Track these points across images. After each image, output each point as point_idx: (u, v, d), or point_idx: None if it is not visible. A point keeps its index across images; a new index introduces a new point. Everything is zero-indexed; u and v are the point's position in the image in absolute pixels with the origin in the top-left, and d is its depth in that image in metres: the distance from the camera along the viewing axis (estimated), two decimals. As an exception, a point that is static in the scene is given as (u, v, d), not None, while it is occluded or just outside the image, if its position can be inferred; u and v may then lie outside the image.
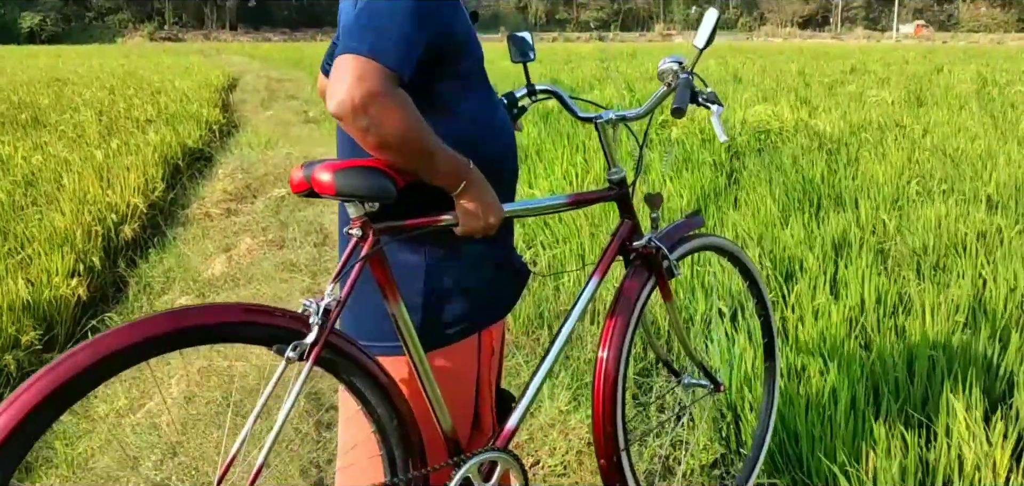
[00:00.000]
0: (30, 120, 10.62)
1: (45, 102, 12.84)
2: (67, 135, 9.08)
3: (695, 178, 6.21)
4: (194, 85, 16.71)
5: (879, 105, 11.18)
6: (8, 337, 3.60)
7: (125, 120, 10.80)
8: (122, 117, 11.05)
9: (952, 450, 2.37)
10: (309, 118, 13.31)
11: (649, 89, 13.95)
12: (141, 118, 10.97)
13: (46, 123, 10.43)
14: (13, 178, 6.38)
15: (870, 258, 4.20)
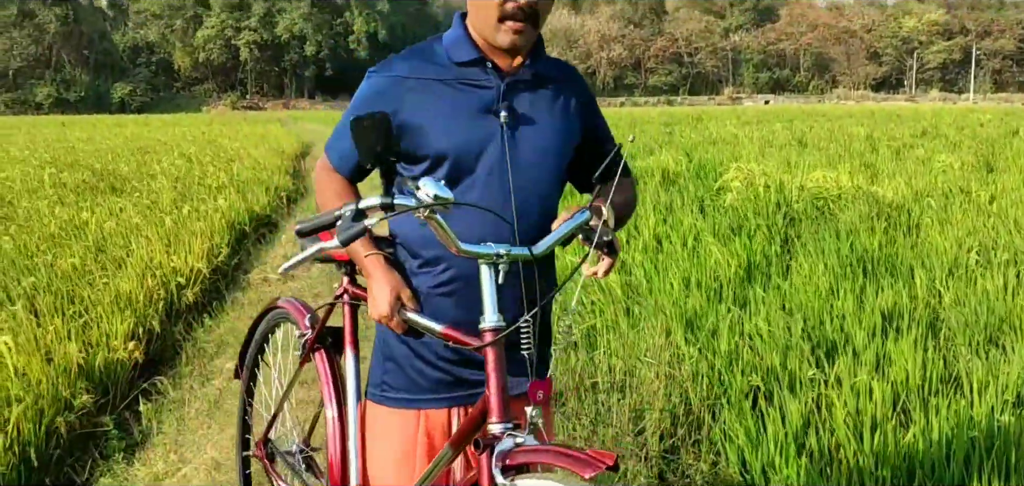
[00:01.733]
0: (110, 187, 11.20)
1: (126, 170, 13.53)
2: (142, 202, 9.53)
3: (746, 245, 6.10)
4: (268, 152, 17.37)
5: (946, 170, 10.84)
6: (62, 400, 3.75)
7: (198, 186, 11.28)
8: (196, 184, 11.54)
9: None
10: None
11: (708, 154, 13.87)
12: (214, 185, 11.44)
13: (124, 190, 10.97)
14: (86, 244, 6.71)
15: (920, 332, 4.04)
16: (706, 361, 3.77)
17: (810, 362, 3.73)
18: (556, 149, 1.67)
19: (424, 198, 1.34)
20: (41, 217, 8.08)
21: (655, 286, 5.14)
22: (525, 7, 1.53)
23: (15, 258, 6.16)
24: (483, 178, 1.61)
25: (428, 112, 1.60)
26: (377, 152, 1.41)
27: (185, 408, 4.08)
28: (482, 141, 1.61)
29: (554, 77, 1.70)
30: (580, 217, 1.55)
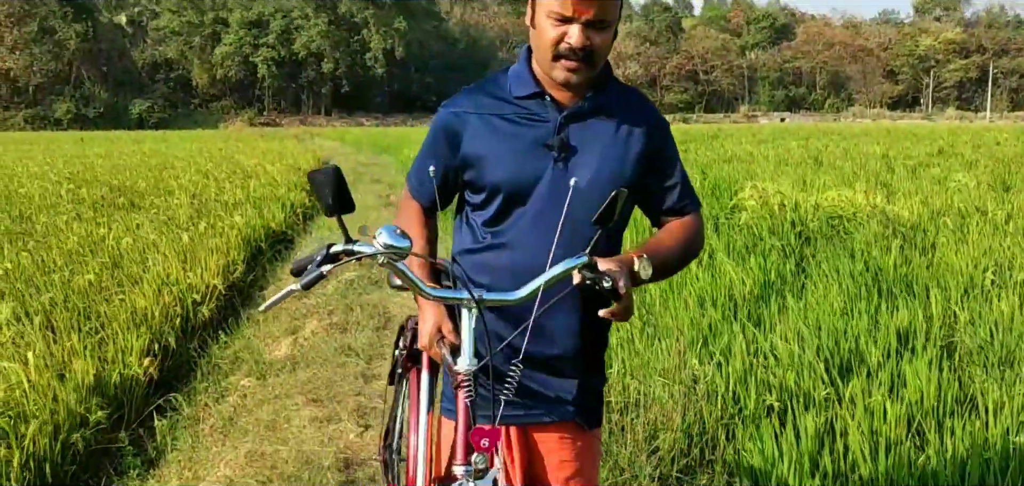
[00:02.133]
0: (127, 203, 11.31)
1: (143, 186, 13.66)
2: (159, 218, 9.62)
3: (760, 264, 6.08)
4: (284, 169, 17.49)
5: (962, 189, 10.76)
6: (77, 416, 3.78)
7: (215, 203, 11.36)
8: (212, 200, 11.64)
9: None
10: (388, 202, 13.72)
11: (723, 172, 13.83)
12: (230, 201, 11.52)
13: (142, 206, 11.08)
14: (102, 260, 6.78)
15: (935, 352, 4.01)
16: (721, 379, 3.76)
17: (824, 381, 3.71)
18: (609, 180, 1.65)
19: (379, 247, 1.37)
20: (59, 233, 8.17)
21: (670, 304, 5.13)
22: (578, 49, 1.57)
23: (33, 274, 6.24)
24: (535, 209, 1.66)
25: (487, 144, 1.68)
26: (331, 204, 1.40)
27: (199, 425, 4.10)
28: (535, 173, 1.66)
29: (616, 108, 1.71)
30: (572, 262, 1.51)
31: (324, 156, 25.49)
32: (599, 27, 1.58)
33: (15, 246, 7.26)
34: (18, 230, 8.41)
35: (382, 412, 4.01)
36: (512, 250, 1.68)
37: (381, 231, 1.38)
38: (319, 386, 4.31)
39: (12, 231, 8.30)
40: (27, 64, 74.97)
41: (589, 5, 1.54)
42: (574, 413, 1.77)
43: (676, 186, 1.76)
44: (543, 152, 1.66)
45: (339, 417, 3.89)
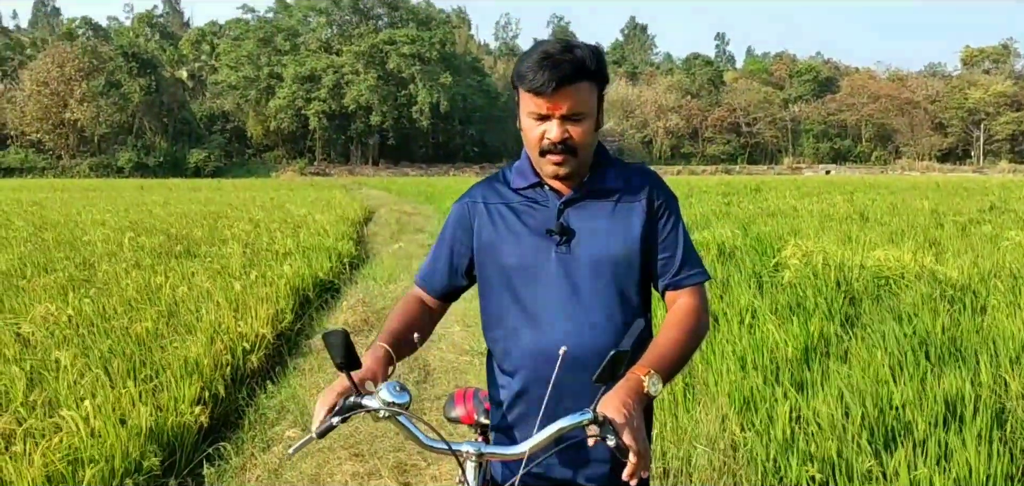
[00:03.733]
0: (184, 251, 11.63)
1: (199, 234, 14.03)
2: (213, 267, 9.86)
3: (803, 326, 5.99)
4: (333, 219, 17.82)
5: (1016, 248, 10.47)
6: (132, 462, 3.88)
7: (266, 252, 11.62)
8: (263, 250, 11.90)
9: None
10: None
11: (766, 228, 13.69)
12: (280, 251, 11.77)
13: (197, 254, 11.38)
14: (159, 308, 6.97)
15: (985, 422, 3.90)
16: (761, 448, 3.70)
17: (868, 452, 3.63)
18: (613, 259, 1.72)
19: (380, 403, 1.49)
20: (119, 280, 8.43)
21: (712, 366, 5.07)
22: (558, 143, 1.65)
23: (94, 321, 6.44)
24: (544, 292, 1.73)
25: (495, 231, 1.78)
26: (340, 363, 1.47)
27: (246, 474, 4.17)
28: (540, 258, 1.73)
29: (617, 188, 1.77)
30: (577, 418, 1.50)
31: (371, 205, 25.89)
32: (575, 120, 1.66)
33: (78, 293, 7.51)
34: (81, 277, 8.71)
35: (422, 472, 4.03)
36: (527, 333, 1.74)
37: (382, 388, 1.49)
38: (361, 440, 4.35)
39: (76, 278, 8.59)
40: (93, 115, 78.10)
41: (561, 101, 1.63)
42: None
43: (676, 258, 1.78)
44: (545, 238, 1.74)
45: (380, 473, 3.92)
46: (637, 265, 1.76)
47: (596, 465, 1.76)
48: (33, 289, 7.86)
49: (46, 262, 9.97)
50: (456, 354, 6.47)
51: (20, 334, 6.07)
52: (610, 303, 1.73)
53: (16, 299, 7.36)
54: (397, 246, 14.82)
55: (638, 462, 1.44)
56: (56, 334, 6.00)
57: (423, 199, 30.53)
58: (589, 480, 1.76)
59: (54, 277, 8.60)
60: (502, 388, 1.82)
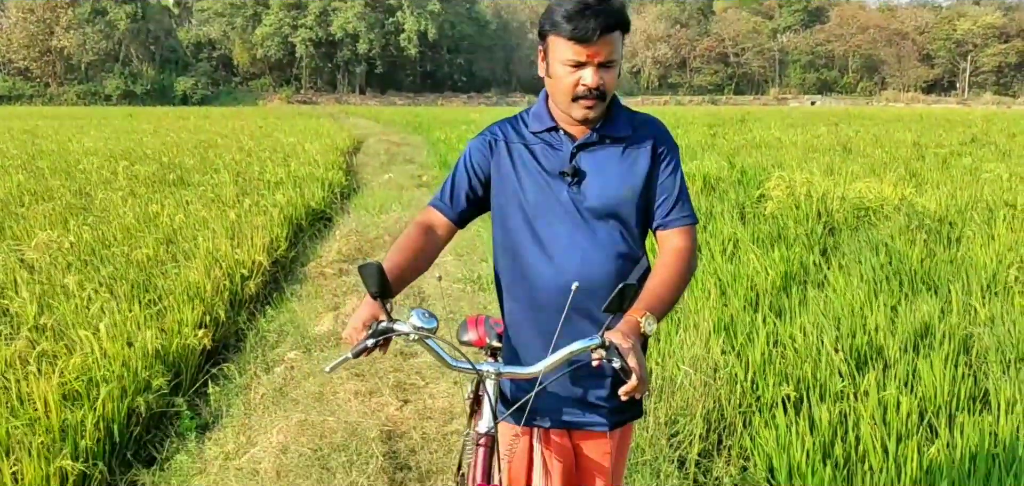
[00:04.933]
0: (177, 180, 11.64)
1: (191, 163, 14.00)
2: (207, 195, 9.90)
3: (783, 254, 6.15)
4: (322, 149, 17.74)
5: (994, 181, 10.64)
6: (141, 381, 4.02)
7: (258, 181, 11.64)
8: (255, 179, 11.91)
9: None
10: (421, 183, 13.90)
11: (751, 159, 13.80)
12: (272, 180, 11.78)
13: (190, 183, 11.40)
14: (157, 237, 7.05)
15: (952, 348, 4.09)
16: (740, 369, 3.88)
17: (841, 374, 3.82)
18: (621, 202, 1.85)
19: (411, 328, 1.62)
20: (116, 209, 8.47)
21: (695, 293, 5.24)
22: (594, 89, 1.76)
23: (95, 248, 6.53)
24: (556, 229, 1.85)
25: (513, 168, 1.90)
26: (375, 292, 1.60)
27: (251, 393, 4.32)
28: (553, 197, 1.86)
29: (625, 135, 1.89)
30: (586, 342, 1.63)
31: (359, 135, 25.75)
32: (608, 67, 1.77)
33: (77, 221, 7.57)
34: (79, 205, 8.75)
35: (420, 391, 4.20)
36: (540, 265, 1.86)
37: (412, 313, 1.63)
38: (362, 361, 4.50)
39: (73, 206, 8.64)
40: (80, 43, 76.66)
41: (599, 49, 1.73)
42: (610, 415, 1.94)
43: (671, 200, 1.91)
44: (559, 178, 1.86)
45: (381, 392, 4.08)
46: (640, 207, 1.88)
47: (601, 386, 1.91)
48: (33, 217, 7.90)
49: (43, 190, 9.98)
50: (449, 281, 6.62)
51: (24, 260, 6.15)
52: (615, 240, 1.85)
53: (17, 226, 7.42)
54: (387, 177, 14.84)
55: (638, 385, 1.58)
56: (59, 261, 6.08)
57: (411, 129, 30.35)
58: (596, 399, 1.91)
59: (52, 205, 8.64)
60: (513, 314, 1.95)
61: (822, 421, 3.27)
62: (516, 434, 1.96)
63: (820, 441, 3.13)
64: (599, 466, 1.97)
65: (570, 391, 1.91)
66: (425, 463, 3.41)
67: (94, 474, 3.26)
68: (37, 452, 3.08)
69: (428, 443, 3.59)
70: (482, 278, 6.64)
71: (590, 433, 1.95)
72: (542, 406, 1.91)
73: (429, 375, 4.39)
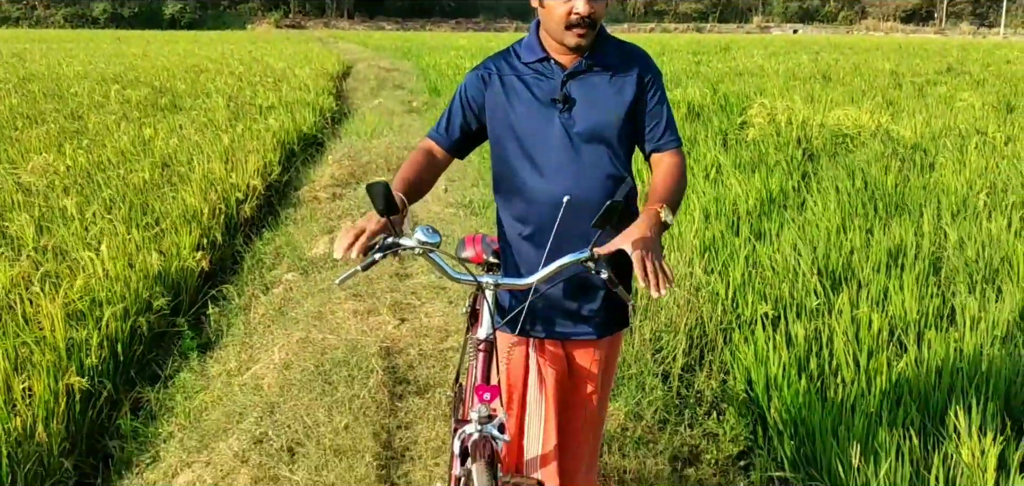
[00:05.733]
0: (169, 104, 11.46)
1: (182, 88, 13.76)
2: (200, 120, 9.77)
3: (764, 180, 6.19)
4: (313, 74, 17.46)
5: (966, 110, 10.67)
6: (143, 302, 4.04)
7: (250, 106, 11.48)
8: (247, 103, 11.75)
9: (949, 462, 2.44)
10: (412, 108, 13.76)
11: (734, 87, 13.72)
12: (264, 105, 11.63)
13: (182, 107, 11.23)
14: (152, 160, 6.98)
15: (922, 269, 4.17)
16: (722, 288, 3.95)
17: (817, 293, 3.89)
18: (609, 127, 1.92)
19: (416, 243, 1.66)
20: (110, 132, 8.36)
21: (679, 216, 5.27)
22: (586, 17, 1.81)
23: (91, 171, 6.46)
24: (548, 152, 1.92)
25: (507, 98, 1.95)
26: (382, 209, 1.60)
27: (250, 313, 4.36)
28: (545, 123, 1.92)
29: (612, 64, 1.95)
30: (577, 256, 1.72)
31: (348, 60, 25.32)
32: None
33: (72, 144, 7.47)
34: (72, 129, 8.61)
35: (416, 310, 4.25)
36: (533, 186, 1.93)
37: (417, 229, 1.68)
38: (358, 283, 4.53)
39: (67, 130, 8.51)
40: (66, -37, 74.31)
41: None
42: (601, 325, 2.02)
43: (660, 126, 1.99)
44: (550, 105, 1.92)
45: (379, 311, 4.12)
46: (626, 131, 1.95)
47: (592, 300, 1.99)
48: (27, 140, 7.78)
49: (36, 114, 9.81)
50: (441, 206, 6.62)
51: (21, 183, 6.08)
52: (603, 162, 1.93)
53: (12, 149, 7.31)
54: (377, 102, 14.66)
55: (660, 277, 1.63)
56: (56, 184, 6.02)
57: (400, 55, 29.84)
58: (587, 311, 1.99)
59: (46, 129, 8.50)
60: (510, 231, 2.02)
61: (798, 337, 3.35)
62: (513, 344, 2.02)
63: (796, 356, 3.21)
64: (589, 373, 2.06)
65: (564, 304, 1.99)
66: (423, 377, 3.47)
67: (100, 391, 3.30)
68: (46, 369, 3.11)
69: (425, 359, 3.65)
70: (473, 203, 6.64)
71: (581, 342, 2.03)
72: (538, 318, 1.99)
73: (425, 295, 4.43)
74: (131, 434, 3.12)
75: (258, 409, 3.12)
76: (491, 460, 1.65)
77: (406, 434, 3.04)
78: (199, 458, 2.83)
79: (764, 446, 2.89)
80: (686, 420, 3.09)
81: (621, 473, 2.75)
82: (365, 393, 3.20)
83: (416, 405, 3.23)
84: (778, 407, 2.94)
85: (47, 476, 2.75)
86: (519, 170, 1.95)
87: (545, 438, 2.03)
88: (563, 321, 2.00)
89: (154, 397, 3.42)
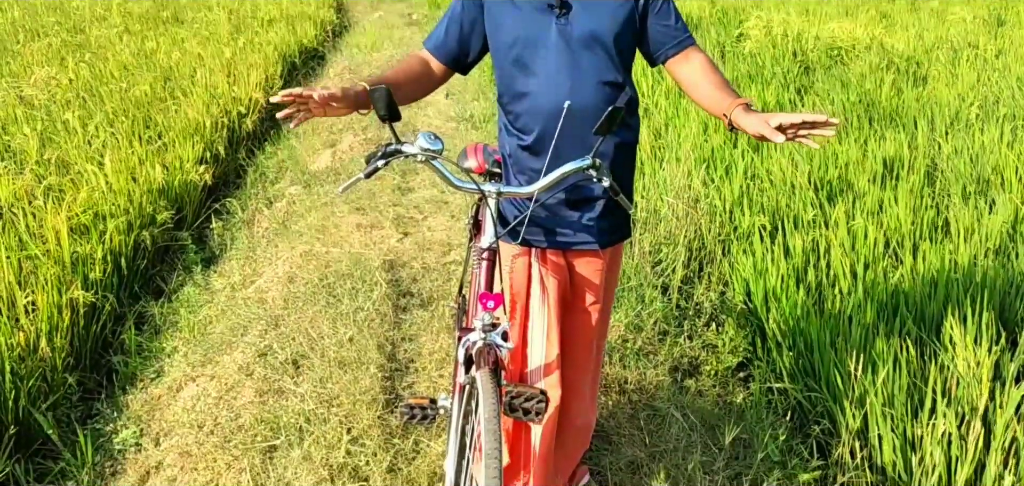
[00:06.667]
0: (170, 17, 11.05)
1: (184, 1, 13.27)
2: (202, 33, 9.42)
3: (762, 93, 5.99)
4: (313, -14, 16.82)
5: (958, 23, 10.33)
6: (147, 216, 3.90)
7: (251, 19, 11.08)
8: (249, 17, 11.33)
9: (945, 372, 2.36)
10: (412, 21, 13.32)
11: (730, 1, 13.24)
12: (265, 18, 11.22)
13: (184, 20, 10.83)
14: (155, 74, 6.73)
15: (917, 180, 4.03)
16: (720, 200, 3.82)
17: (814, 204, 3.77)
18: (607, 32, 1.79)
19: (419, 149, 1.61)
20: (112, 45, 8.05)
21: (678, 127, 5.11)
22: None
23: (93, 85, 6.22)
24: (546, 60, 1.79)
25: (503, 8, 1.83)
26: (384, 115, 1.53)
27: (254, 227, 4.23)
28: (541, 31, 1.79)
29: None
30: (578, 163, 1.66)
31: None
32: None
33: (74, 57, 7.19)
34: (74, 42, 8.29)
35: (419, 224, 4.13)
36: (533, 95, 1.81)
37: (419, 136, 1.62)
38: (361, 196, 4.39)
39: (69, 43, 8.19)
40: None
41: None
42: (602, 235, 1.92)
43: (673, 24, 1.86)
44: (547, 11, 1.79)
45: (381, 225, 4.00)
46: (626, 37, 1.83)
47: (593, 209, 1.89)
48: (29, 54, 7.49)
49: (37, 27, 9.43)
50: (442, 120, 6.42)
51: (23, 97, 5.86)
52: (603, 68, 1.80)
53: (14, 63, 7.04)
54: (377, 15, 14.18)
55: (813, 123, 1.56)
56: (58, 97, 5.80)
57: (400, -33, 28.81)
58: (588, 220, 1.89)
59: (47, 42, 8.18)
60: (512, 140, 1.89)
61: (796, 249, 3.24)
62: (516, 254, 1.92)
63: (794, 267, 3.11)
64: (591, 283, 1.97)
65: (565, 214, 1.89)
66: (426, 290, 3.37)
67: (104, 305, 3.19)
68: (50, 283, 2.99)
69: (428, 272, 3.54)
70: (474, 116, 6.44)
71: (583, 252, 1.94)
72: (540, 228, 1.90)
73: (427, 209, 4.30)
74: (135, 349, 3.03)
75: (262, 322, 3.02)
76: (495, 368, 1.57)
77: (410, 346, 2.95)
78: (204, 372, 2.75)
79: (763, 357, 2.81)
80: (685, 332, 3.01)
81: (622, 383, 2.68)
82: (369, 306, 3.11)
83: (420, 317, 3.14)
84: (776, 319, 2.85)
85: (51, 391, 2.65)
86: (519, 79, 1.83)
87: (548, 348, 1.95)
88: (565, 230, 1.90)
89: (158, 311, 3.33)
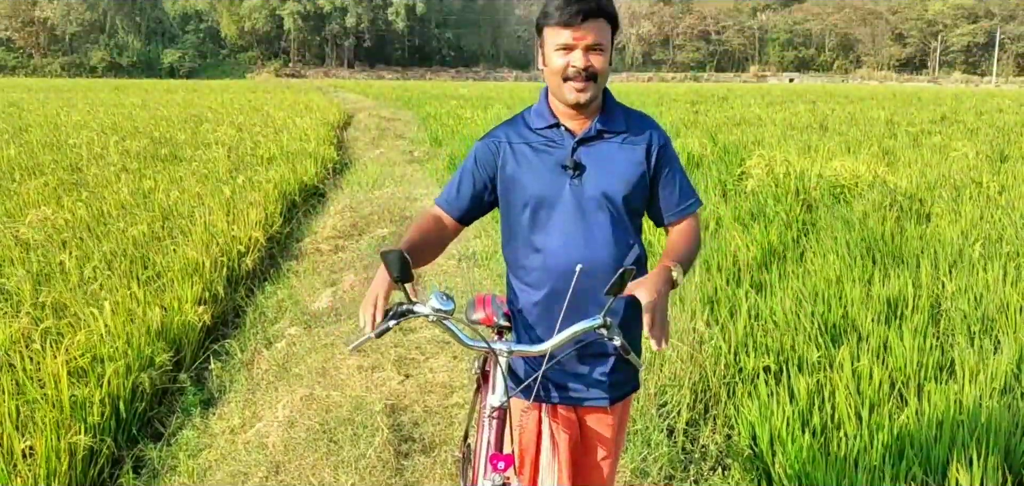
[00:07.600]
0: (169, 155, 11.56)
1: (182, 138, 13.89)
2: (200, 171, 9.84)
3: (764, 233, 6.26)
4: (313, 123, 17.62)
5: (960, 160, 10.82)
6: (145, 358, 4.06)
7: (251, 157, 11.57)
8: (248, 155, 11.84)
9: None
10: (413, 158, 13.87)
11: (732, 137, 13.90)
12: (265, 156, 11.72)
13: (183, 158, 11.32)
14: (153, 213, 7.04)
15: (921, 320, 4.22)
16: (724, 342, 3.98)
17: (819, 345, 3.94)
18: (617, 193, 1.94)
19: (430, 310, 1.70)
20: (110, 185, 8.42)
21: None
22: (583, 70, 1.85)
23: (91, 225, 6.51)
24: (559, 219, 1.95)
25: (518, 166, 1.98)
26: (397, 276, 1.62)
27: (253, 368, 4.37)
28: (556, 189, 1.94)
29: (622, 130, 1.99)
30: (590, 322, 1.77)
31: (349, 109, 25.60)
32: (596, 50, 1.87)
33: (71, 197, 7.53)
34: (71, 181, 8.68)
35: (421, 365, 4.27)
36: (545, 253, 1.96)
37: (432, 296, 1.71)
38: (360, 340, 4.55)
39: (66, 182, 8.57)
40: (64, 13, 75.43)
41: (585, 33, 1.84)
42: (614, 390, 2.05)
43: (678, 189, 2.03)
44: (561, 172, 1.94)
45: (383, 366, 4.15)
46: (636, 197, 1.98)
47: (604, 364, 2.02)
48: (25, 193, 7.85)
49: (34, 165, 9.89)
50: (444, 257, 6.67)
51: (18, 237, 6.12)
52: (613, 228, 1.95)
53: (9, 202, 7.37)
54: (379, 152, 14.79)
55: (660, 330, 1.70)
56: (54, 238, 6.06)
57: (401, 104, 30.16)
58: (599, 375, 2.02)
59: (44, 180, 8.57)
60: (522, 296, 2.04)
61: (800, 391, 3.39)
62: (525, 409, 2.05)
63: (799, 410, 3.24)
64: (602, 438, 2.08)
65: (576, 369, 2.01)
66: (429, 435, 3.49)
67: (102, 449, 3.30)
68: (50, 427, 3.12)
69: (431, 415, 3.66)
70: (476, 255, 6.70)
71: (594, 408, 2.05)
72: (551, 383, 2.02)
73: (429, 350, 4.46)
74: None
75: (263, 468, 3.13)
76: None
77: (411, 492, 3.05)
78: (204, 518, 2.83)
79: (769, 502, 2.91)
80: (692, 476, 3.11)
81: (627, 531, 2.76)
82: (371, 452, 3.22)
83: (422, 464, 3.24)
84: (782, 463, 2.96)
85: (51, 537, 2.75)
86: (530, 237, 1.97)
87: None
88: (576, 386, 2.02)
89: (157, 455, 3.43)
